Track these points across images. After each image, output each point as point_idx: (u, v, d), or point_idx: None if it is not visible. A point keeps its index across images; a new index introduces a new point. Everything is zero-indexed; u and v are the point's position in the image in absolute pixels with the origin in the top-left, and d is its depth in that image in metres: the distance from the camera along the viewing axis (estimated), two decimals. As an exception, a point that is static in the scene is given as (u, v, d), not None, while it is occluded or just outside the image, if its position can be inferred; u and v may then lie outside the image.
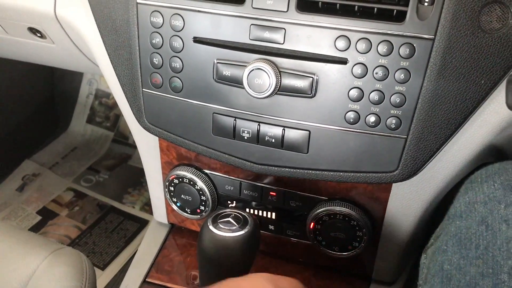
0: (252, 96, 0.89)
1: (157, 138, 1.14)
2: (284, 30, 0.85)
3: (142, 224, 2.11)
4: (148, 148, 1.20)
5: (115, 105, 2.50)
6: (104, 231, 2.09)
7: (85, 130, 2.59)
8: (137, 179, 2.31)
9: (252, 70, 0.87)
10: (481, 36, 0.78)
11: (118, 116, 2.53)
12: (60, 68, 1.87)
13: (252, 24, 0.87)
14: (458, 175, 0.95)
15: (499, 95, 0.83)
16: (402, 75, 0.82)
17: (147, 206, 2.17)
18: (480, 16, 0.77)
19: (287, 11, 0.84)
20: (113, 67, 1.03)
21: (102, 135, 2.55)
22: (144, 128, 1.05)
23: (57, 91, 2.57)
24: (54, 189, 2.29)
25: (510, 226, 0.68)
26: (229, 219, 0.87)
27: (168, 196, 1.21)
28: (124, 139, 2.51)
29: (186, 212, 1.21)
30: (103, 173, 2.38)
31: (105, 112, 2.57)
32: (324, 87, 0.87)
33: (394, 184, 1.01)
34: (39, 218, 2.14)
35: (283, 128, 0.92)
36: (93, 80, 2.56)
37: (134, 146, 2.41)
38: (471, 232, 0.73)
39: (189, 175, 1.14)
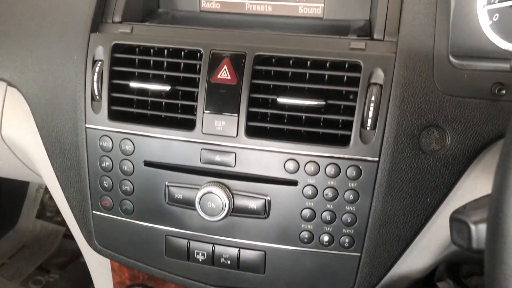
0: (205, 219, 0.88)
1: (108, 258, 1.10)
2: (234, 154, 0.87)
3: (96, 329, 1.98)
4: (99, 268, 1.15)
5: (66, 199, 2.42)
6: None
7: (34, 226, 2.47)
8: (91, 277, 2.19)
9: (205, 194, 0.87)
10: (423, 157, 0.82)
11: (70, 209, 2.44)
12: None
13: (203, 149, 0.88)
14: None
15: (445, 210, 0.86)
16: (351, 195, 0.84)
17: (102, 308, 2.06)
18: (420, 139, 0.82)
19: (236, 136, 0.86)
20: (62, 189, 1.00)
21: (53, 230, 2.45)
22: (95, 250, 1.01)
23: (4, 186, 2.47)
24: (-1, 294, 2.14)
25: None
26: None
27: (121, 319, 1.15)
28: (76, 234, 2.41)
29: (142, 336, 1.15)
30: (54, 272, 2.25)
31: (55, 206, 2.47)
32: (276, 208, 0.87)
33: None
34: (-19, 329, 1.98)
35: (238, 249, 0.91)
36: (44, 173, 2.48)
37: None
38: None
39: (143, 297, 1.10)
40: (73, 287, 2.17)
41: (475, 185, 0.85)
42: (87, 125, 0.93)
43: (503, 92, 0.80)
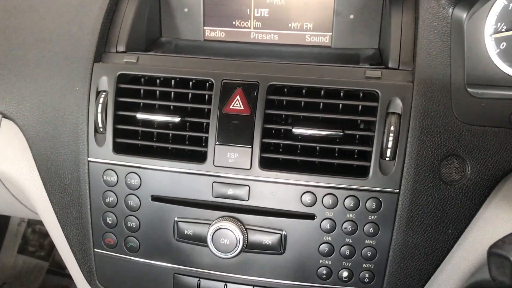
0: (218, 256, 0.84)
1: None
2: (248, 187, 0.83)
3: None
4: (100, 310, 1.09)
5: (50, 232, 2.33)
6: None
7: (16, 262, 2.36)
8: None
9: (217, 229, 0.82)
10: (443, 187, 0.80)
11: (54, 244, 2.34)
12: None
13: (214, 182, 0.84)
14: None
15: (464, 241, 0.84)
16: (371, 228, 0.81)
17: None
18: (440, 169, 0.80)
19: (250, 168, 0.82)
20: (61, 227, 0.95)
21: (36, 266, 2.34)
22: (96, 291, 0.95)
23: (-17, 221, 2.37)
24: (-22, 336, 2.02)
25: None
26: None
27: None
28: (61, 270, 2.32)
29: None
30: (37, 310, 2.15)
31: (38, 240, 2.38)
32: (293, 243, 0.84)
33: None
34: None
35: (252, 287, 0.87)
36: (26, 206, 2.39)
37: (71, 277, 2.21)
38: None
39: None
40: (58, 327, 2.07)
41: (495, 215, 0.83)
42: (89, 159, 0.89)
43: (522, 120, 0.79)
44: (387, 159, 0.80)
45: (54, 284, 2.29)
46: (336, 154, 0.84)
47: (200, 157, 0.85)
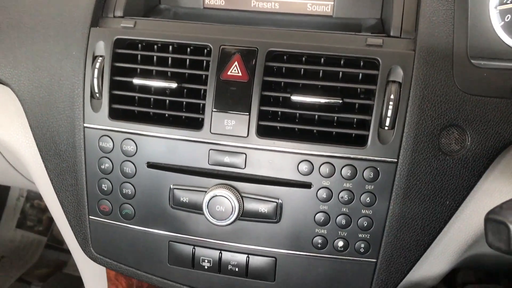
0: (213, 223, 0.83)
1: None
2: (244, 155, 0.82)
3: None
4: (94, 278, 1.09)
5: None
6: None
7: (14, 236, 2.37)
8: (75, 289, 2.11)
9: (213, 196, 0.82)
10: (442, 158, 0.79)
11: (52, 219, 2.35)
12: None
13: (211, 149, 0.83)
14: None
15: (462, 213, 0.83)
16: (368, 198, 0.80)
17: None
18: (439, 139, 0.79)
19: (247, 136, 0.81)
20: (56, 193, 0.94)
21: (34, 240, 2.35)
22: (91, 258, 0.95)
23: (-18, 194, 2.38)
24: (-24, 308, 2.03)
25: None
26: None
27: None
28: (59, 244, 2.33)
29: None
30: (35, 284, 2.16)
31: (37, 215, 2.39)
32: (289, 212, 0.83)
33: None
34: None
35: (247, 255, 0.86)
36: (25, 181, 2.39)
37: (69, 252, 2.22)
38: None
39: (142, 308, 1.04)
40: (56, 300, 2.08)
41: (494, 187, 0.82)
42: (85, 125, 0.87)
43: (525, 91, 0.77)
44: (386, 128, 0.79)
45: (52, 258, 2.30)
46: (335, 124, 0.83)
47: (197, 124, 0.84)
